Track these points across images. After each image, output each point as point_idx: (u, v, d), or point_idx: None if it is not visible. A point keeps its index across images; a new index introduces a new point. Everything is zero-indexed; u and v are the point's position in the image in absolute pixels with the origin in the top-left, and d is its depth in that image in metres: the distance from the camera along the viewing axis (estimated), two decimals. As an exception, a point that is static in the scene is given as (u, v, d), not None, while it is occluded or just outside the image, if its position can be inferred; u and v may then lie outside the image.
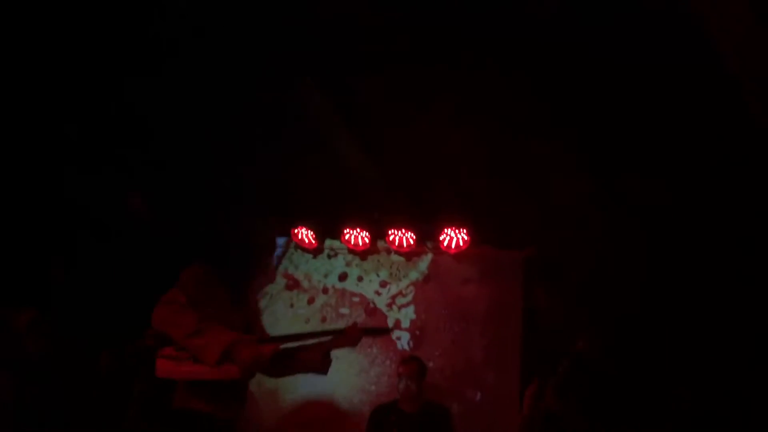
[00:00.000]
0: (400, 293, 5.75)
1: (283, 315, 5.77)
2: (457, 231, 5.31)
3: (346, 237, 5.54)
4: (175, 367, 3.08)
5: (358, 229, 5.50)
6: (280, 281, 5.91)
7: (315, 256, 5.90)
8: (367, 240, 5.55)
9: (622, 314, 4.73)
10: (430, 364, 5.15)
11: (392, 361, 5.56)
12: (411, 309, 5.70)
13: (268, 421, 5.42)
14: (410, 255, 5.73)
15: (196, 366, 3.05)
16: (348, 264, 5.90)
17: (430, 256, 5.73)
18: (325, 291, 5.87)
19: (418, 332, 5.62)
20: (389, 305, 5.74)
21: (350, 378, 5.62)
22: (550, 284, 5.23)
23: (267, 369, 3.27)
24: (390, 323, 5.65)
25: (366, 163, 5.05)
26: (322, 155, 4.86)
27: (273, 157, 4.84)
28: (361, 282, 5.84)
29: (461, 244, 5.35)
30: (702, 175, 4.39)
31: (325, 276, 5.92)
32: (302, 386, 5.54)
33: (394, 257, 5.79)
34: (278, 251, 5.95)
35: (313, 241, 5.66)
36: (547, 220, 5.03)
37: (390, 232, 5.43)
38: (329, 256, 5.93)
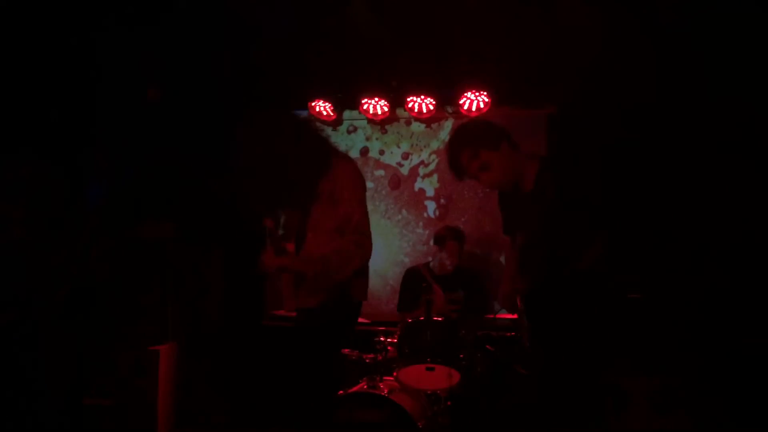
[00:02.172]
0: (422, 163, 5.73)
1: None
2: (477, 93, 5.21)
3: (365, 107, 5.46)
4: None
5: (377, 98, 5.41)
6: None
7: (335, 128, 5.86)
8: (386, 109, 5.47)
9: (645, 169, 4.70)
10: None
11: (422, 229, 5.63)
12: (435, 178, 5.70)
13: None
14: (430, 122, 5.66)
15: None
16: (368, 138, 5.86)
17: (450, 122, 5.66)
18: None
19: (443, 200, 5.64)
20: (413, 176, 5.73)
21: (380, 249, 5.73)
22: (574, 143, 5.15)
23: None
24: (415, 193, 5.68)
25: (381, 29, 4.88)
26: (336, 24, 4.70)
27: (286, 29, 4.69)
28: (383, 155, 5.82)
29: (482, 106, 5.26)
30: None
31: (346, 152, 5.87)
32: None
33: (414, 127, 5.73)
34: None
35: (332, 113, 5.60)
36: (570, 77, 4.90)
37: (409, 99, 5.34)
38: (349, 132, 5.88)
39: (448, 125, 5.68)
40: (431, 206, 5.68)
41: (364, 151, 5.85)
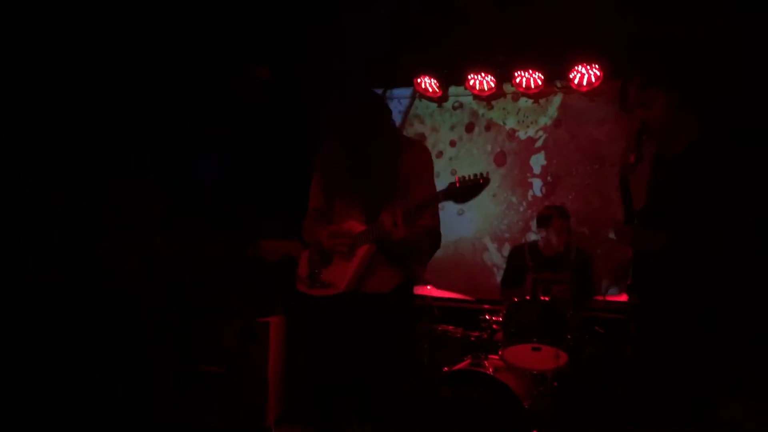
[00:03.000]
0: (529, 139, 5.60)
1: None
2: (588, 67, 5.01)
3: (471, 83, 5.38)
4: None
5: (483, 74, 5.32)
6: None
7: (440, 105, 5.82)
8: (492, 84, 5.37)
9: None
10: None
11: (527, 207, 5.54)
12: (541, 155, 5.57)
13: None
14: (538, 97, 5.51)
15: None
16: (474, 114, 5.78)
17: (559, 98, 5.50)
18: (452, 144, 5.82)
19: (549, 178, 5.51)
20: (519, 152, 5.62)
21: (483, 226, 5.69)
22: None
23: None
24: (520, 170, 5.58)
25: (488, 2, 4.78)
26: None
27: (391, 4, 4.68)
28: (489, 131, 5.73)
29: (593, 80, 5.06)
30: None
31: (452, 128, 5.85)
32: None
33: (522, 103, 5.61)
34: (403, 104, 5.93)
35: (437, 90, 5.55)
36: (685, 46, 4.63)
37: (516, 74, 5.20)
38: (454, 107, 5.83)
39: (557, 100, 5.51)
40: (537, 184, 5.55)
41: (470, 127, 5.78)
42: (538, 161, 5.58)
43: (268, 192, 5.31)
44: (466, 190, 2.80)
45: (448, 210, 5.75)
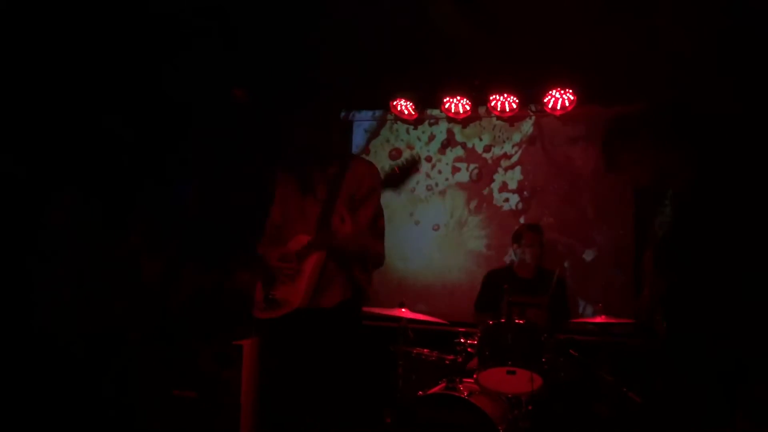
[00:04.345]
0: (504, 155, 5.64)
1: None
2: (562, 91, 5.08)
3: (446, 105, 5.42)
4: None
5: (459, 97, 5.36)
6: (382, 152, 5.93)
7: (416, 127, 5.85)
8: (468, 107, 5.41)
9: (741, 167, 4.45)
10: (540, 223, 5.14)
11: (504, 224, 5.56)
12: (518, 170, 5.61)
13: (381, 293, 5.56)
14: (513, 121, 5.57)
15: None
16: (449, 131, 5.82)
17: (533, 118, 5.56)
18: (428, 159, 5.84)
19: (526, 193, 5.55)
20: (494, 168, 5.65)
21: (459, 244, 5.71)
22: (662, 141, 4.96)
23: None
24: (496, 186, 5.61)
25: (464, 27, 4.83)
26: (418, 22, 4.67)
27: (367, 28, 4.70)
28: (465, 148, 5.77)
29: (567, 104, 5.14)
30: None
31: (427, 144, 5.88)
32: (412, 255, 5.73)
33: (496, 121, 5.66)
34: (369, 125, 5.96)
35: (413, 112, 5.58)
36: (657, 74, 4.71)
37: (492, 98, 5.26)
38: (430, 124, 5.86)
39: (532, 120, 5.58)
40: (514, 199, 5.58)
41: (445, 144, 5.81)
42: (514, 177, 5.62)
43: (245, 216, 5.28)
44: (403, 174, 2.98)
45: (424, 226, 5.77)
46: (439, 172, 5.82)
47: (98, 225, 4.53)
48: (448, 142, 5.82)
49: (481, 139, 5.73)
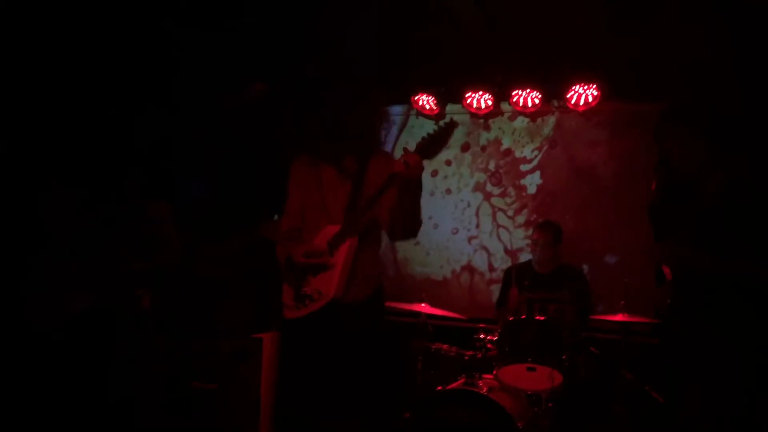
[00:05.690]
0: (524, 159, 5.60)
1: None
2: (585, 87, 5.04)
3: (468, 101, 5.39)
4: None
5: (481, 92, 5.33)
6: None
7: (436, 123, 5.82)
8: (490, 102, 5.38)
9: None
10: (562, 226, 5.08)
11: (522, 226, 5.54)
12: (537, 174, 5.56)
13: (402, 289, 5.56)
14: (535, 117, 5.53)
15: None
16: (469, 134, 5.79)
17: (554, 120, 5.51)
18: (448, 163, 5.81)
19: (546, 197, 5.50)
20: (514, 171, 5.62)
21: (479, 244, 5.69)
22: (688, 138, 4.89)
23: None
24: (516, 189, 5.58)
25: (487, 22, 4.80)
26: (441, 17, 4.65)
27: (390, 22, 4.69)
28: (484, 151, 5.73)
29: (590, 100, 5.09)
30: None
31: (447, 147, 5.81)
32: (433, 252, 5.71)
33: (517, 124, 5.62)
34: (396, 121, 5.93)
35: (435, 107, 5.56)
36: (685, 66, 4.64)
37: (514, 93, 5.23)
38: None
39: (552, 121, 5.52)
40: (533, 202, 5.55)
41: (465, 147, 5.78)
42: (533, 180, 5.58)
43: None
44: (436, 141, 2.91)
45: (442, 228, 5.75)
46: (460, 176, 5.80)
47: (113, 208, 4.54)
48: (468, 146, 5.79)
49: (501, 143, 5.69)
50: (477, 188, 5.72)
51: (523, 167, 5.61)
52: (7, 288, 3.94)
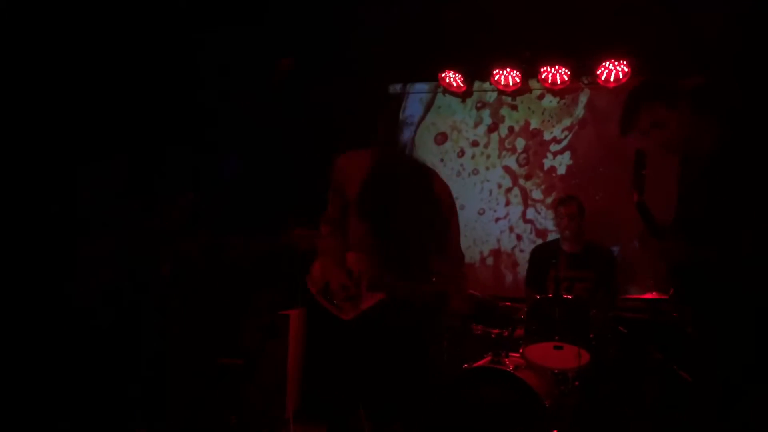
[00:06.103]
0: (554, 140, 5.53)
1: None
2: (616, 63, 4.94)
3: (496, 78, 5.32)
4: None
5: (509, 69, 5.26)
6: (428, 136, 5.86)
7: (464, 100, 5.76)
8: (518, 79, 5.31)
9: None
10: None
11: (548, 208, 5.48)
12: (567, 155, 5.49)
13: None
14: (564, 93, 5.44)
15: None
16: (496, 114, 5.72)
17: (584, 100, 5.42)
18: (474, 144, 5.77)
19: (576, 177, 5.43)
20: (543, 153, 5.55)
21: (507, 225, 5.65)
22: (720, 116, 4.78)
23: None
24: (545, 170, 5.52)
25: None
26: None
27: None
28: (512, 132, 5.66)
29: (621, 76, 4.98)
30: None
31: (475, 128, 5.79)
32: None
33: (546, 103, 5.54)
34: (424, 97, 5.88)
35: (462, 84, 5.50)
36: (722, 41, 4.52)
37: (542, 70, 5.15)
38: (477, 108, 5.77)
39: (583, 100, 5.43)
40: (562, 184, 5.48)
41: (493, 127, 5.72)
42: (563, 161, 5.50)
43: (293, 188, 5.30)
44: None
45: (468, 210, 5.70)
46: (487, 156, 5.73)
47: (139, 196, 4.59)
48: (496, 126, 5.72)
49: (529, 123, 5.61)
50: (505, 169, 5.67)
51: (553, 147, 5.54)
52: (48, 265, 4.02)
